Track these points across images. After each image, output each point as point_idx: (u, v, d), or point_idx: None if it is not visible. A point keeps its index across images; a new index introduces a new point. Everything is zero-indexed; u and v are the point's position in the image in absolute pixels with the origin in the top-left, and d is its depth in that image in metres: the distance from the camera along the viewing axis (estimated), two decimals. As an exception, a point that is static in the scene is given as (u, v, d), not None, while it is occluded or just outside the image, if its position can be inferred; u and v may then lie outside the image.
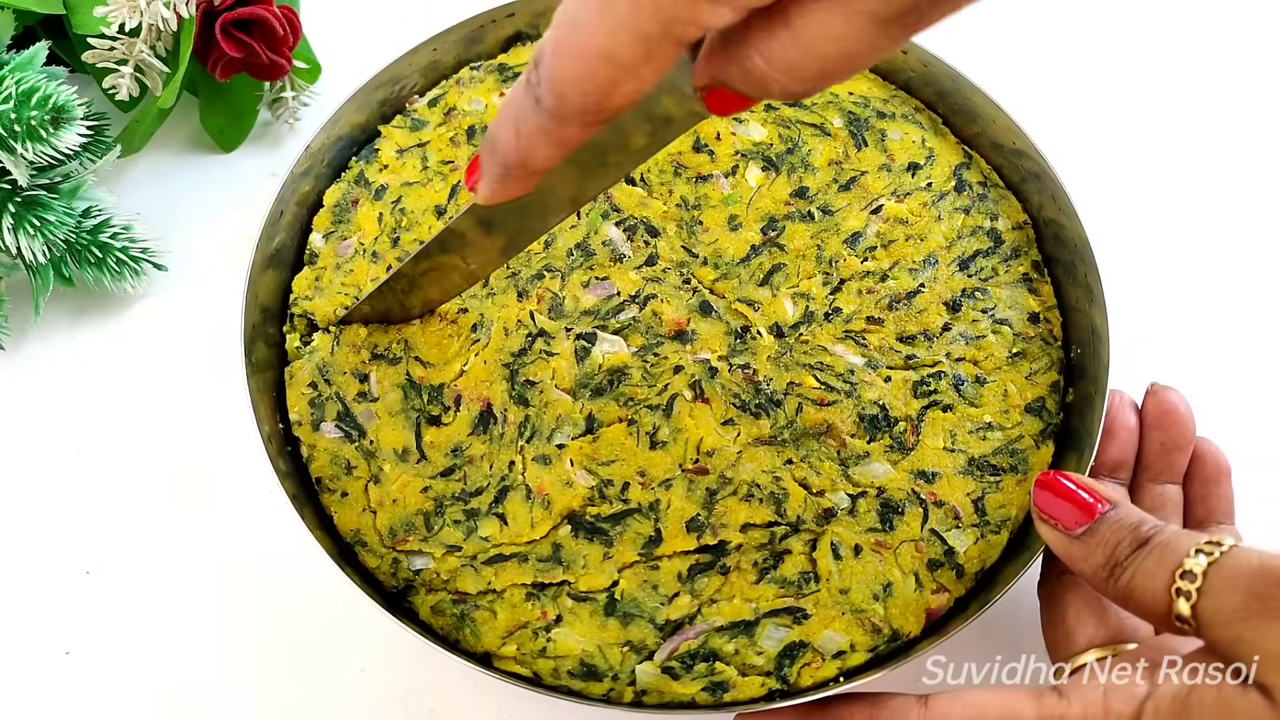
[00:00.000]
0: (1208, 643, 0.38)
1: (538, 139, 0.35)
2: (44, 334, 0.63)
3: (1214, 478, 0.51)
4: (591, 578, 0.49)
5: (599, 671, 0.47)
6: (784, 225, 0.56)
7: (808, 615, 0.48)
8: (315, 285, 0.56)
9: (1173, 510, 0.50)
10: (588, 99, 0.33)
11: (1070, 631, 0.46)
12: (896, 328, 0.54)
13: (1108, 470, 0.51)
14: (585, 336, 0.53)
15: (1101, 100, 0.74)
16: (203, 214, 0.67)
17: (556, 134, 0.34)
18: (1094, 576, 0.42)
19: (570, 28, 0.31)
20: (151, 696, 0.54)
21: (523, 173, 0.37)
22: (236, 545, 0.58)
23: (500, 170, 0.37)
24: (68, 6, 0.62)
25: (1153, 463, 0.51)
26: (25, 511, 0.59)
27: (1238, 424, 0.55)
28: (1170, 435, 0.51)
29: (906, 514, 0.50)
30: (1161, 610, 0.39)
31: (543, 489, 0.50)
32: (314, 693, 0.54)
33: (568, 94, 0.32)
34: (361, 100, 0.58)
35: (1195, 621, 0.37)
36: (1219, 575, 0.37)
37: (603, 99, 0.33)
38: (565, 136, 0.34)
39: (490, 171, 0.37)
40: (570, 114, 0.33)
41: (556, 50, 0.32)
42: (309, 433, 0.53)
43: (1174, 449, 0.51)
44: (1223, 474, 0.51)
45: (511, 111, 0.35)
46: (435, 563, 0.49)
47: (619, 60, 0.31)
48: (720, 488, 0.50)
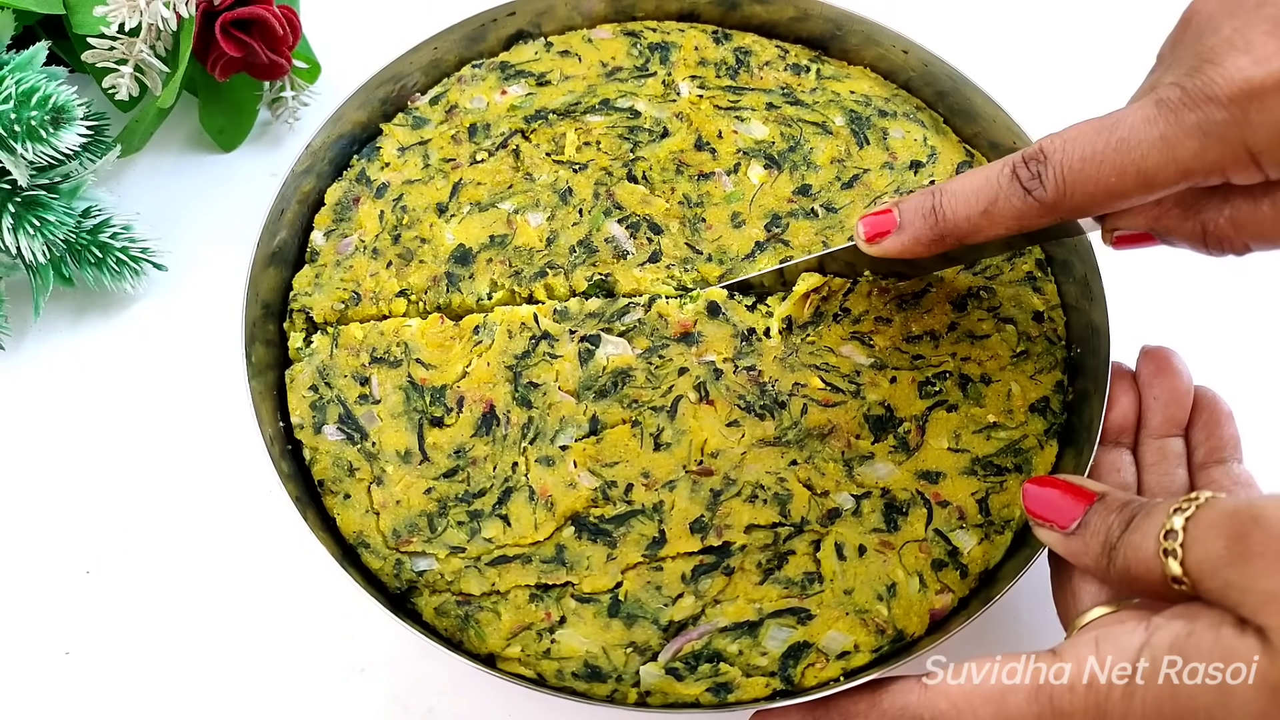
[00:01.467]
0: (1202, 596, 0.37)
1: (1008, 221, 0.42)
2: (44, 334, 0.63)
3: (1214, 421, 0.51)
4: (595, 579, 0.48)
5: (603, 672, 0.47)
6: (787, 222, 0.56)
7: (812, 616, 0.48)
8: (315, 282, 0.56)
9: (1175, 462, 0.51)
10: (1092, 201, 0.40)
11: (1075, 591, 0.46)
12: (904, 328, 0.54)
13: (1112, 437, 0.52)
14: (589, 339, 0.53)
15: (1101, 100, 0.73)
16: (202, 214, 0.67)
17: (1033, 220, 0.42)
18: (1095, 567, 0.42)
19: (1117, 144, 0.39)
20: (151, 696, 0.54)
21: (954, 242, 0.45)
22: (236, 546, 0.58)
23: (935, 235, 0.45)
24: (68, 6, 0.62)
25: (1152, 419, 0.52)
26: (25, 511, 0.59)
27: (1240, 415, 0.55)
28: (1167, 391, 0.51)
29: (911, 514, 0.50)
30: (1157, 577, 0.38)
31: (546, 490, 0.50)
32: (315, 693, 0.54)
33: (1075, 194, 0.40)
34: (363, 98, 0.58)
35: (1188, 578, 0.37)
36: (1198, 526, 0.37)
37: (1104, 204, 0.40)
38: (1035, 223, 0.42)
39: (921, 232, 0.45)
40: (1067, 209, 0.41)
41: (1086, 159, 0.40)
42: (311, 435, 0.52)
43: (1172, 404, 0.51)
44: (1223, 417, 0.51)
45: (991, 193, 0.42)
46: (439, 564, 0.49)
47: (1151, 182, 0.39)
48: (724, 489, 0.50)
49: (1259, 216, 0.40)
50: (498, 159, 0.58)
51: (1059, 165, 0.41)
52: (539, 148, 0.58)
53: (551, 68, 0.61)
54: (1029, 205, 0.42)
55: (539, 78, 0.60)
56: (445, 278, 0.55)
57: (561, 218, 0.56)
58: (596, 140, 0.58)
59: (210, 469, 0.59)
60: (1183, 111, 0.38)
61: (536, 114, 0.59)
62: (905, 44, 0.60)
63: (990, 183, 0.43)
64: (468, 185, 0.57)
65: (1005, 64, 0.74)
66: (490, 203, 0.57)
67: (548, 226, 0.56)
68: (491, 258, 0.55)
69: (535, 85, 0.60)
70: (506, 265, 0.55)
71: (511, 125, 0.59)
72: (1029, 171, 0.41)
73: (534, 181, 0.57)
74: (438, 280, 0.55)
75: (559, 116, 0.59)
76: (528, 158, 0.58)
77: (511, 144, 0.58)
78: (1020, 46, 0.75)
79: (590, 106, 0.59)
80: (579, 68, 0.61)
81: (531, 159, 0.57)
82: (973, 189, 0.44)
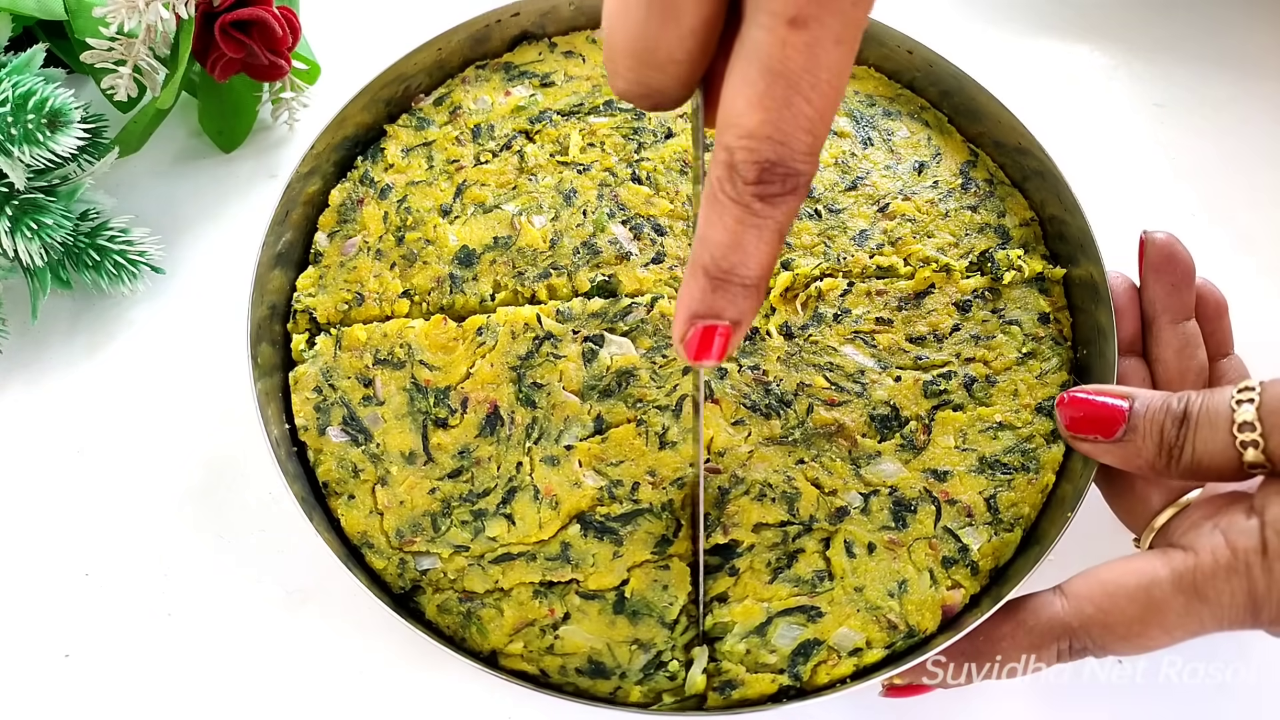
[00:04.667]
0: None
1: None
2: (42, 337, 0.63)
3: (1216, 313, 0.54)
4: (600, 576, 0.48)
5: (607, 669, 0.47)
6: (791, 224, 0.56)
7: (822, 613, 0.48)
8: (319, 283, 0.56)
9: (1196, 344, 0.53)
10: None
11: (1143, 496, 0.49)
12: (906, 329, 0.53)
13: (1126, 348, 0.53)
14: (593, 339, 0.52)
15: (1099, 98, 0.74)
16: (201, 215, 0.67)
17: None
18: (1153, 466, 0.45)
19: None
20: (151, 699, 0.54)
21: None
22: (236, 546, 0.57)
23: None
24: (69, 10, 0.61)
25: (1169, 304, 0.53)
26: (25, 514, 0.58)
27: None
28: (1176, 274, 0.53)
29: (919, 512, 0.49)
30: (1234, 466, 0.42)
31: (551, 490, 0.50)
32: (315, 693, 0.54)
33: None
34: (367, 99, 0.58)
35: (1271, 461, 0.41)
36: (1270, 413, 0.41)
37: None
38: None
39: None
40: None
41: None
42: (315, 437, 0.52)
43: (1183, 286, 0.53)
44: (1223, 308, 0.54)
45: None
46: (442, 563, 0.49)
47: None
48: (732, 487, 0.50)
49: None
50: (502, 160, 0.58)
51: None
52: (543, 149, 0.58)
53: (555, 68, 0.61)
54: None
55: (543, 78, 0.60)
56: (449, 279, 0.55)
57: (565, 219, 0.56)
58: (601, 141, 0.58)
59: (210, 471, 0.59)
60: None
61: (541, 115, 0.59)
62: (910, 44, 0.60)
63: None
64: (471, 186, 0.57)
65: (1009, 63, 0.74)
66: (494, 204, 0.56)
67: (551, 228, 0.55)
68: (495, 259, 0.55)
69: (539, 86, 0.60)
70: (510, 266, 0.55)
71: (516, 126, 0.59)
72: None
73: (538, 183, 0.57)
74: (441, 281, 0.55)
75: (563, 117, 0.59)
76: (532, 159, 0.57)
77: (515, 145, 0.58)
78: (1024, 46, 0.75)
79: (594, 107, 0.59)
80: (583, 68, 0.61)
81: (535, 160, 0.57)
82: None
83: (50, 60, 0.63)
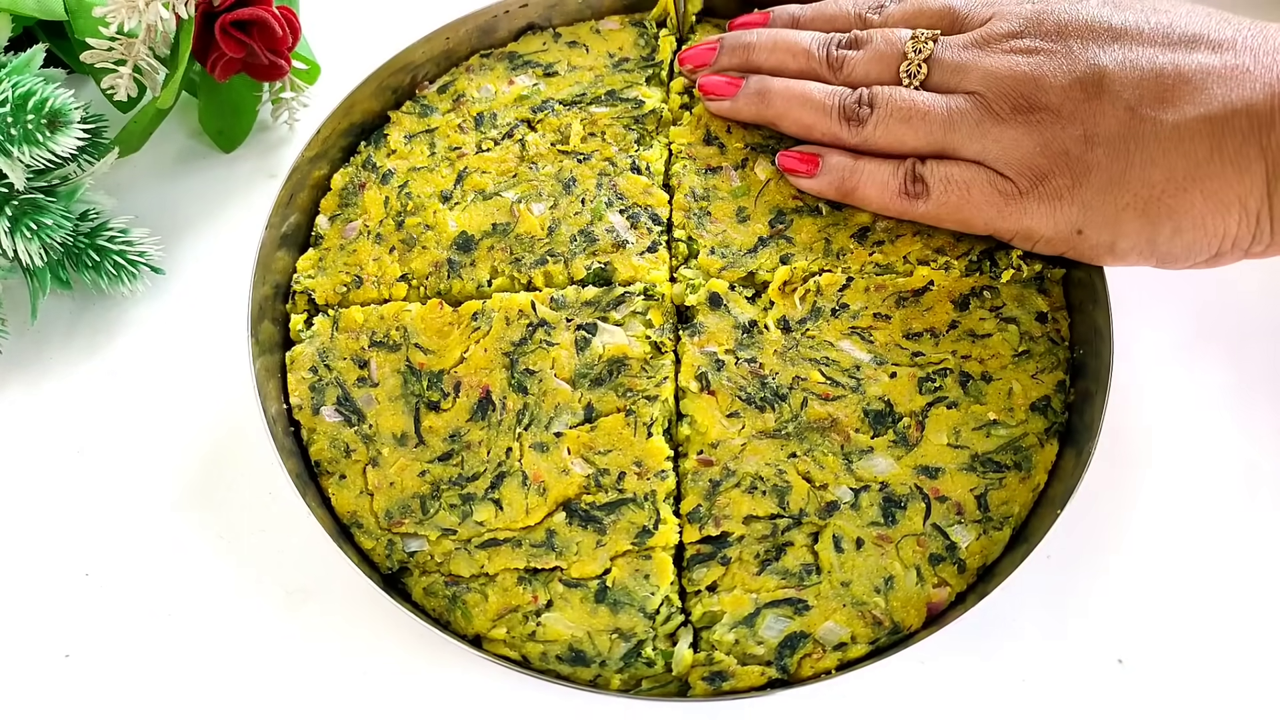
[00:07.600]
0: None
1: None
2: (42, 337, 0.63)
3: None
4: (584, 564, 0.48)
5: (587, 657, 0.47)
6: (792, 219, 0.56)
7: (809, 607, 0.47)
8: (319, 265, 0.56)
9: None
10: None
11: None
12: (903, 325, 0.53)
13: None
14: (586, 327, 0.52)
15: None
16: (201, 215, 0.67)
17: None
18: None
19: None
20: (151, 699, 0.53)
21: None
22: (237, 546, 0.57)
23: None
24: (69, 10, 0.61)
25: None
26: (25, 514, 0.58)
27: (1241, 418, 0.55)
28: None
29: (909, 508, 0.49)
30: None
31: (539, 476, 0.50)
32: (315, 693, 0.53)
33: None
34: (375, 86, 0.58)
35: None
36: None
37: None
38: None
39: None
40: None
41: None
42: (309, 416, 0.52)
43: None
44: None
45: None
46: (430, 545, 0.49)
47: None
48: (724, 479, 0.49)
49: None
50: (503, 148, 0.58)
51: None
52: (544, 138, 0.58)
53: (559, 58, 0.61)
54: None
55: (546, 68, 0.60)
56: (446, 264, 0.55)
57: (564, 207, 0.56)
58: (601, 131, 0.58)
59: (210, 471, 0.59)
60: None
61: (543, 104, 0.59)
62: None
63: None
64: (472, 174, 0.57)
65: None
66: (494, 191, 0.57)
67: (550, 215, 0.56)
68: (493, 245, 0.55)
69: (542, 75, 0.60)
70: (507, 253, 0.55)
71: (518, 115, 0.59)
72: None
73: (538, 171, 0.57)
74: (439, 266, 0.55)
75: (565, 107, 0.59)
76: (533, 147, 0.58)
77: (517, 134, 0.58)
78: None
79: (596, 97, 0.59)
80: (586, 58, 0.61)
81: (536, 149, 0.58)
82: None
83: (50, 60, 0.63)
